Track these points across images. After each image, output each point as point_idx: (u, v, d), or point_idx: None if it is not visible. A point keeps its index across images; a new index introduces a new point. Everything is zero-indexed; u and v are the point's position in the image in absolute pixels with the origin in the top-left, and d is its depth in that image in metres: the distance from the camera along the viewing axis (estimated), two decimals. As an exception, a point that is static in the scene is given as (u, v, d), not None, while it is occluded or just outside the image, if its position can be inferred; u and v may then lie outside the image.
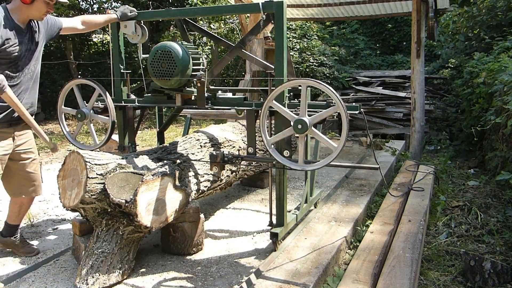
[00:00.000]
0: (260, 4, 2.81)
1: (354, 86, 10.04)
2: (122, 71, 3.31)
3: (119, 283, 2.60)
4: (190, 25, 3.46)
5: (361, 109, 2.84)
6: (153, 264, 2.88)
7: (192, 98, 3.10)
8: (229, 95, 3.20)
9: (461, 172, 5.76)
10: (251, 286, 2.54)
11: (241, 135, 3.94)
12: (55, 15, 3.27)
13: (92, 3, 13.91)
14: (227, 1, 11.00)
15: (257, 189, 4.49)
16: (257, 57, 3.65)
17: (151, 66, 2.91)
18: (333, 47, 12.55)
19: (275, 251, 2.99)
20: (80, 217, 2.89)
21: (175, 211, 2.78)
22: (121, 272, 2.61)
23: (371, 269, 2.78)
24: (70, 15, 12.89)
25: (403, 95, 8.91)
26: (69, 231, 3.53)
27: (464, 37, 8.87)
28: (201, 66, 3.04)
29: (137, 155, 2.97)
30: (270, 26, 4.72)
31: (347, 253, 3.28)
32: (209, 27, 11.84)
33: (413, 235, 3.30)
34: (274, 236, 2.96)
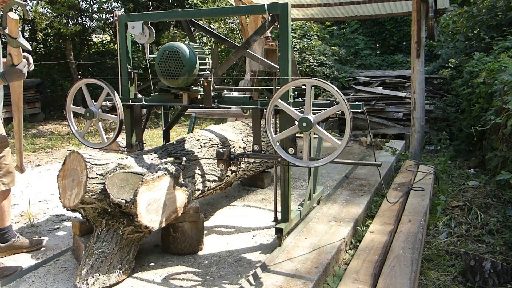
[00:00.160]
0: (265, 5, 2.84)
1: (354, 86, 10.04)
2: (129, 71, 3.35)
3: (119, 283, 2.60)
4: (196, 26, 3.49)
5: (364, 108, 2.88)
6: (153, 264, 2.87)
7: (198, 97, 3.15)
8: (235, 94, 3.22)
9: (461, 172, 5.76)
10: (251, 286, 2.54)
11: (241, 135, 3.94)
12: (55, 15, 3.26)
13: (92, 3, 13.91)
14: (227, 2, 11.00)
15: (257, 189, 4.50)
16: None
17: (159, 66, 2.95)
18: (333, 47, 12.56)
19: (280, 246, 3.02)
20: (80, 217, 2.89)
21: (175, 211, 2.78)
22: (121, 272, 2.61)
23: (371, 269, 2.78)
24: (70, 15, 12.89)
25: (403, 95, 8.91)
26: (69, 231, 3.53)
27: (464, 37, 8.87)
28: (207, 65, 3.09)
29: (137, 155, 2.98)
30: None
31: (347, 253, 3.29)
32: (209, 27, 11.85)
33: (413, 235, 3.30)
34: (279, 231, 2.99)
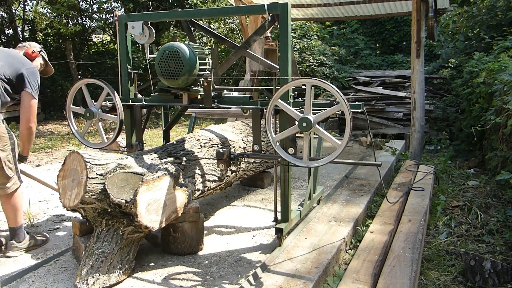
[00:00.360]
0: (265, 5, 2.84)
1: (354, 86, 10.04)
2: (129, 71, 3.34)
3: (119, 283, 2.60)
4: (196, 26, 3.49)
5: (364, 108, 2.88)
6: (153, 264, 2.87)
7: (198, 97, 3.14)
8: (235, 94, 3.22)
9: (461, 172, 5.76)
10: (251, 286, 2.54)
11: (241, 135, 3.94)
12: (55, 15, 3.28)
13: (92, 3, 13.91)
14: (227, 2, 11.00)
15: (257, 189, 4.50)
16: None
17: (159, 66, 2.95)
18: (333, 47, 12.56)
19: (280, 246, 3.02)
20: (80, 217, 2.89)
21: (175, 211, 2.78)
22: (121, 272, 2.61)
23: (371, 269, 2.78)
24: (70, 15, 12.89)
25: (403, 95, 8.91)
26: (69, 231, 3.53)
27: (464, 37, 8.87)
28: (207, 65, 3.09)
29: (137, 155, 2.98)
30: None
31: (347, 253, 3.28)
32: (209, 27, 11.84)
33: (413, 235, 3.30)
34: (279, 231, 2.99)
